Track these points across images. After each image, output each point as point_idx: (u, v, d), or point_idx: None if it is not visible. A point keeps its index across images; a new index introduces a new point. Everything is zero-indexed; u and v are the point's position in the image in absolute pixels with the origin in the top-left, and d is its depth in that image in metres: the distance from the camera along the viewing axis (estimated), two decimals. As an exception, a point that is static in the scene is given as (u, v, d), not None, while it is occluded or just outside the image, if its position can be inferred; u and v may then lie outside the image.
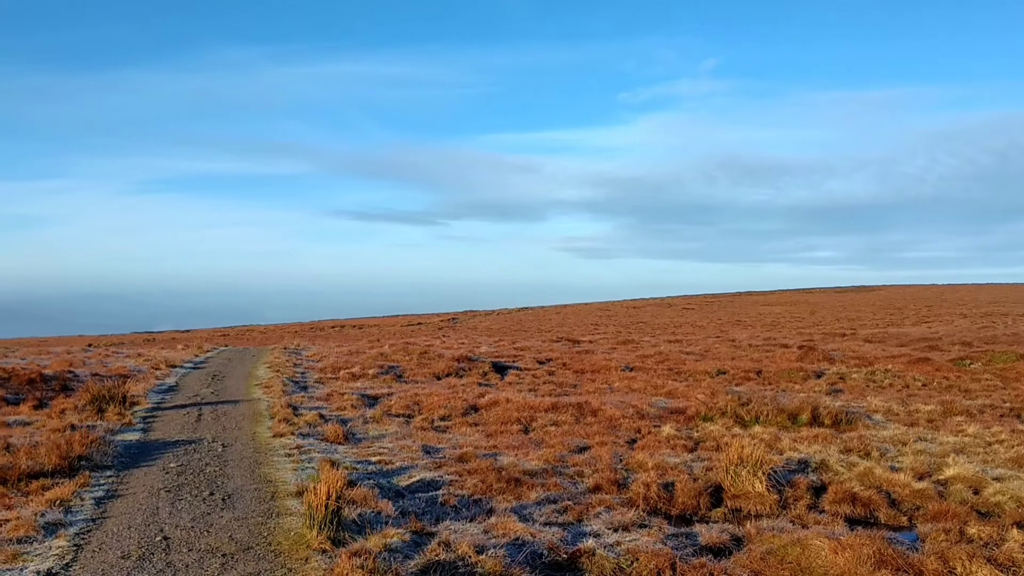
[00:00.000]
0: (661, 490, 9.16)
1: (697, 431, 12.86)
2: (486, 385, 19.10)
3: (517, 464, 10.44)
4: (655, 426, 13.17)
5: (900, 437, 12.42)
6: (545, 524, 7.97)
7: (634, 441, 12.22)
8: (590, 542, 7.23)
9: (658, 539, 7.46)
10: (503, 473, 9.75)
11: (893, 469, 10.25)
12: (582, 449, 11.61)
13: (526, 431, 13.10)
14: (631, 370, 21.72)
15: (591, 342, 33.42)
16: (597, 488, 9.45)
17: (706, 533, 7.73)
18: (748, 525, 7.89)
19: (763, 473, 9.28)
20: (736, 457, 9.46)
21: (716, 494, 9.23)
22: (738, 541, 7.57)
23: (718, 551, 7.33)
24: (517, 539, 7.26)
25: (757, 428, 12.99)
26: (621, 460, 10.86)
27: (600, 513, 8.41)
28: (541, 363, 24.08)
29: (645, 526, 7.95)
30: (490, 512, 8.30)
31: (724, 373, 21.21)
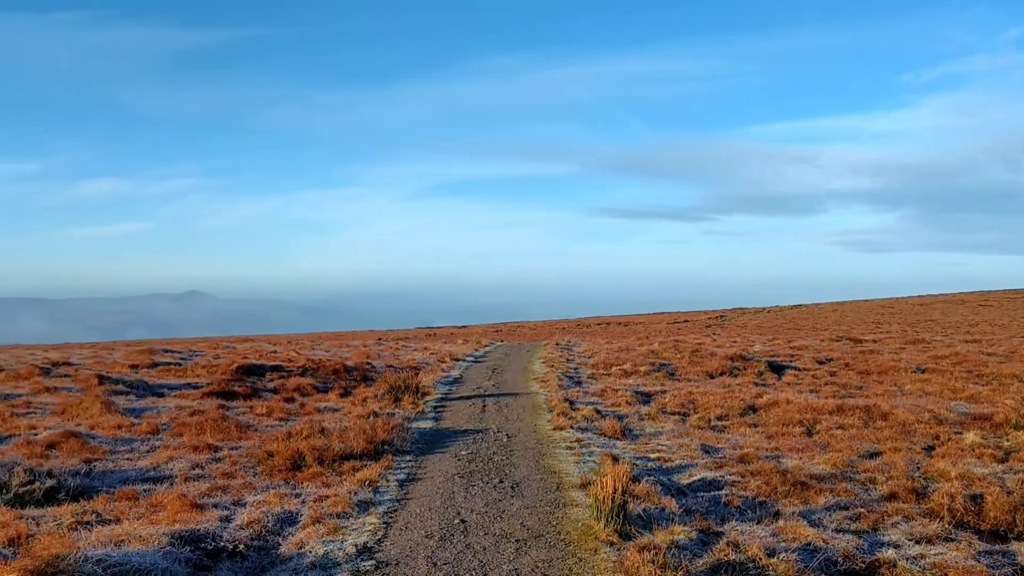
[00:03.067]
0: (968, 502, 8.42)
1: (1008, 440, 11.69)
2: (762, 385, 18.53)
3: (802, 467, 10.05)
4: (956, 433, 12.13)
5: None
6: (837, 531, 7.60)
7: (931, 448, 11.33)
8: (889, 552, 6.81)
9: (969, 555, 6.88)
10: (788, 476, 9.42)
11: None
12: (872, 454, 10.95)
13: (809, 433, 12.57)
14: (923, 371, 20.15)
15: (875, 341, 31.38)
16: (892, 496, 8.86)
17: (1026, 553, 7.03)
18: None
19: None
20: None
21: (1034, 511, 8.34)
22: (1065, 564, 6.81)
23: (1042, 574, 6.64)
24: (808, 544, 7.00)
25: (1080, 440, 11.58)
26: (918, 468, 10.11)
27: (898, 523, 7.89)
28: (821, 363, 22.96)
29: (951, 540, 7.36)
30: (777, 515, 8.06)
31: (1034, 377, 19.08)
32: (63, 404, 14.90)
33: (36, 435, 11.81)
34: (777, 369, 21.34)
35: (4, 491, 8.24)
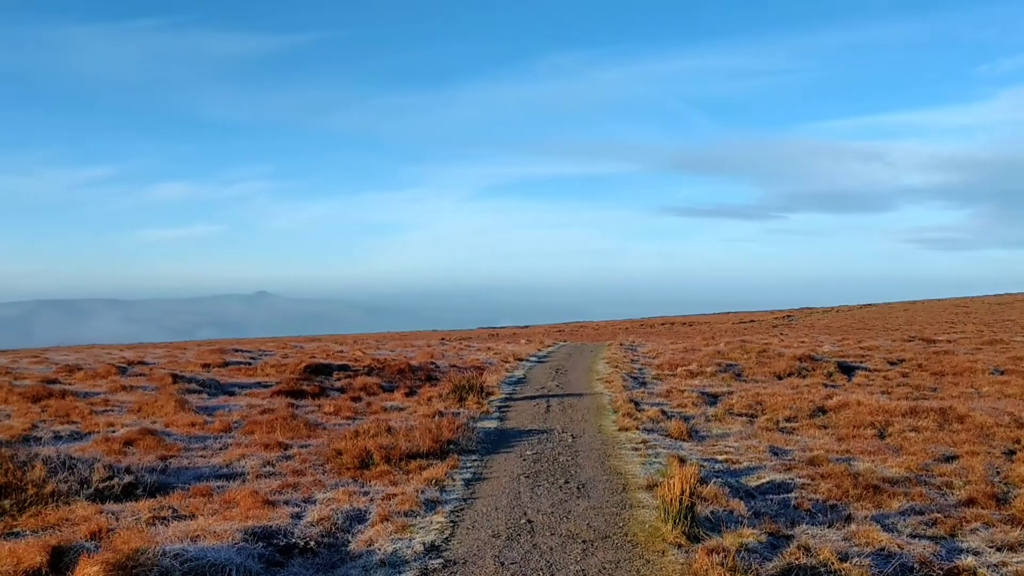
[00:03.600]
0: (1051, 509, 8.14)
1: (1091, 445, 11.27)
2: (832, 386, 18.17)
3: (875, 470, 9.83)
4: (1036, 437, 11.73)
5: None
6: (912, 536, 7.42)
7: (1012, 453, 10.98)
8: (968, 560, 6.62)
9: (1053, 564, 6.65)
10: (859, 479, 9.22)
11: None
12: (949, 458, 10.65)
13: (881, 436, 12.29)
14: (1001, 373, 19.52)
15: (949, 342, 30.50)
16: (971, 501, 8.60)
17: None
18: None
19: None
20: None
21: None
22: None
23: None
24: (882, 549, 6.84)
25: None
26: (998, 472, 9.81)
27: (977, 529, 7.66)
28: (892, 364, 22.42)
29: (1034, 548, 7.12)
30: (848, 519, 7.90)
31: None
32: (139, 402, 15.35)
33: (114, 432, 12.18)
34: (847, 370, 20.91)
35: (85, 486, 8.51)
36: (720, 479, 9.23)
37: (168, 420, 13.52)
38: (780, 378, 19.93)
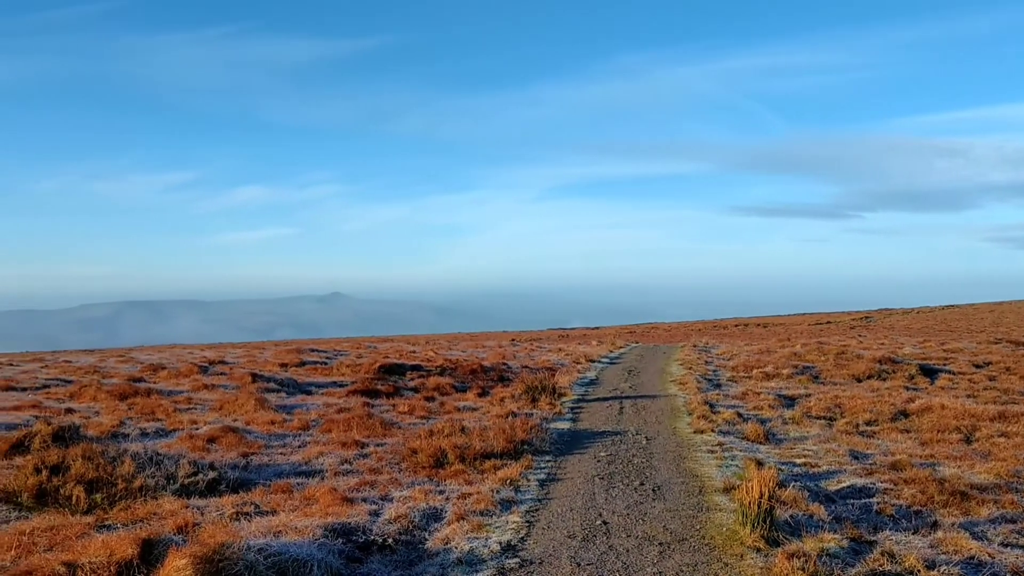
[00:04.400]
0: None
1: None
2: (914, 389, 17.67)
3: (961, 476, 9.53)
4: None
5: None
6: (1003, 545, 7.17)
7: (1108, 460, 10.53)
8: (1064, 570, 6.38)
9: None
10: (945, 485, 8.95)
11: None
12: (1040, 465, 10.26)
13: (968, 441, 11.90)
14: (1094, 377, 18.74)
15: (1037, 344, 29.40)
16: (1065, 510, 8.28)
17: None
18: None
19: None
20: None
21: None
22: None
23: None
24: (972, 558, 6.63)
25: None
26: (1093, 480, 9.42)
27: (1072, 539, 7.37)
28: (978, 367, 21.71)
29: None
30: (934, 526, 7.67)
31: None
32: (220, 400, 15.76)
33: (197, 429, 12.53)
34: (929, 373, 20.31)
35: (171, 482, 8.78)
36: (799, 483, 9.06)
37: (248, 418, 13.85)
38: (859, 380, 19.47)
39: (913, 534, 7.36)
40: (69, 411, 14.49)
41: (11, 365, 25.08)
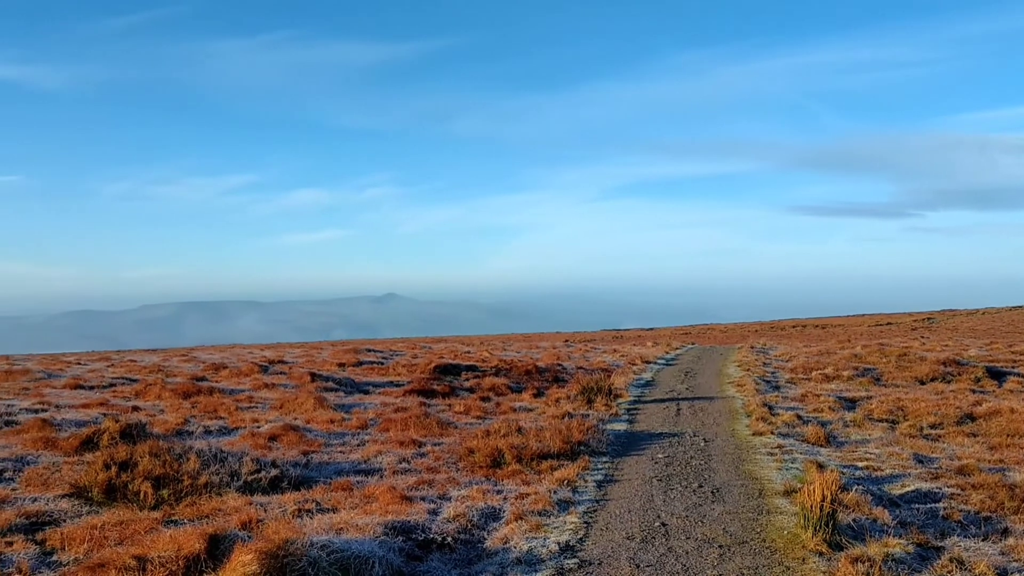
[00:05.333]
0: None
1: None
2: (980, 392, 17.22)
3: (1032, 482, 9.26)
4: None
5: None
6: (1078, 553, 6.96)
7: None
8: None
9: None
10: (1016, 491, 8.72)
11: None
12: (1115, 471, 9.94)
13: (1038, 446, 11.57)
14: None
15: (1111, 347, 28.46)
16: None
17: None
18: None
19: None
20: None
21: None
22: None
23: None
24: (1044, 566, 6.45)
25: None
26: None
27: None
28: (1047, 369, 21.07)
29: None
30: (1005, 532, 7.48)
31: None
32: (280, 399, 16.02)
33: (259, 427, 12.76)
34: (997, 375, 19.78)
35: (235, 478, 8.96)
36: (861, 486, 8.89)
37: (308, 417, 14.06)
38: (922, 383, 19.04)
39: (982, 541, 7.19)
40: (135, 409, 14.87)
41: (79, 364, 25.82)
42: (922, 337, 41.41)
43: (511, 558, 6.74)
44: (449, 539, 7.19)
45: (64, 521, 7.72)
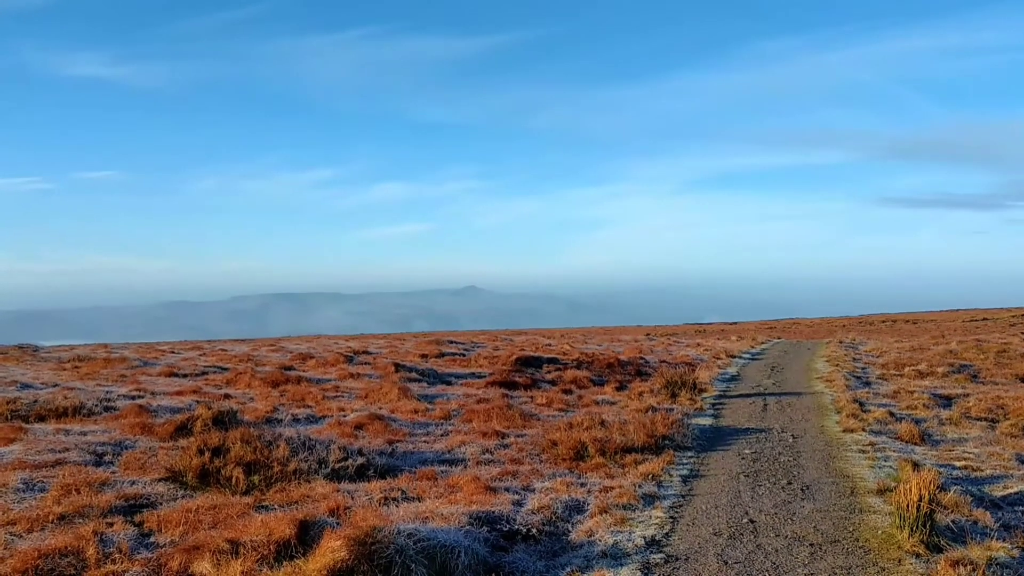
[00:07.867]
0: None
1: None
2: (1087, 391, 16.42)
3: None
4: None
5: None
6: None
7: None
8: None
9: None
10: None
11: None
12: None
13: None
14: None
15: None
16: None
17: None
18: None
19: None
20: None
21: None
22: None
23: None
24: None
25: None
26: None
27: None
28: None
29: None
30: (1117, 538, 7.10)
31: None
32: (365, 389, 16.28)
33: (345, 416, 12.98)
34: (1105, 374, 18.83)
35: (323, 466, 9.12)
36: (960, 487, 8.56)
37: (392, 407, 14.24)
38: (1023, 381, 18.25)
39: (1093, 546, 6.84)
40: (227, 396, 15.30)
41: (173, 353, 26.72)
42: (1022, 333, 39.71)
43: (596, 551, 6.69)
44: (534, 531, 7.18)
45: (160, 504, 7.97)
